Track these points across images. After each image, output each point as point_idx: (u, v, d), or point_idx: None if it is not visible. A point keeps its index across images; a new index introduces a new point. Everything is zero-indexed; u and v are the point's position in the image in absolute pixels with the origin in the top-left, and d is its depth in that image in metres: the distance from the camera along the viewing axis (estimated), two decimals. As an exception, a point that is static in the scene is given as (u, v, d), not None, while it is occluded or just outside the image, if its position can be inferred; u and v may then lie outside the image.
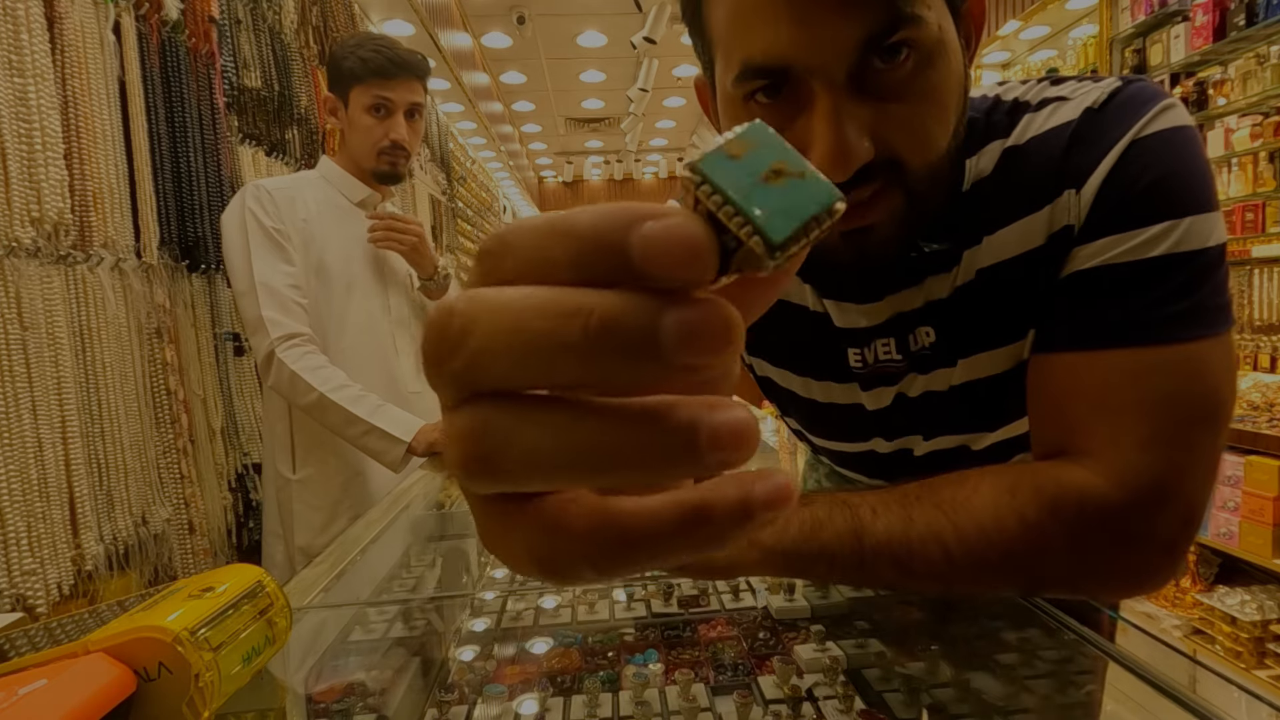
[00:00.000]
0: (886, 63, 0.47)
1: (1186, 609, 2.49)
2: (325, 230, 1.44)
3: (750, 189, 0.15)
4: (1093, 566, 0.51)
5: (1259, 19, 2.55)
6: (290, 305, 1.35)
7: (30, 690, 0.36)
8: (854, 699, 0.57)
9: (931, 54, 0.48)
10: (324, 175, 1.52)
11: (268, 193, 1.40)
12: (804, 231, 0.15)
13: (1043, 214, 0.55)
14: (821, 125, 0.47)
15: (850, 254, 0.53)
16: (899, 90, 0.48)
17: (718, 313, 0.15)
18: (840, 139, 0.47)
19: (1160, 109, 0.52)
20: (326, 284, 1.43)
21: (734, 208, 0.15)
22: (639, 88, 5.09)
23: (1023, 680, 0.61)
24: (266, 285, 1.34)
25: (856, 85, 0.48)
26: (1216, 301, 0.51)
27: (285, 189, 1.43)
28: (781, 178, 0.15)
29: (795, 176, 0.15)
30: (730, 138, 0.16)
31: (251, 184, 1.42)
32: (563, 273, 0.15)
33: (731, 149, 0.16)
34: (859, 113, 0.48)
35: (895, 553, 0.52)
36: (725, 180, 0.15)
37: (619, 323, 0.14)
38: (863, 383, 0.67)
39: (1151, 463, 0.49)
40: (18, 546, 1.22)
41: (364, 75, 1.42)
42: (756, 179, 0.15)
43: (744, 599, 0.75)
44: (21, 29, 1.26)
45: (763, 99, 0.50)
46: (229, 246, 1.40)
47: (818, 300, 0.66)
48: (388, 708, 0.61)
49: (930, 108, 0.49)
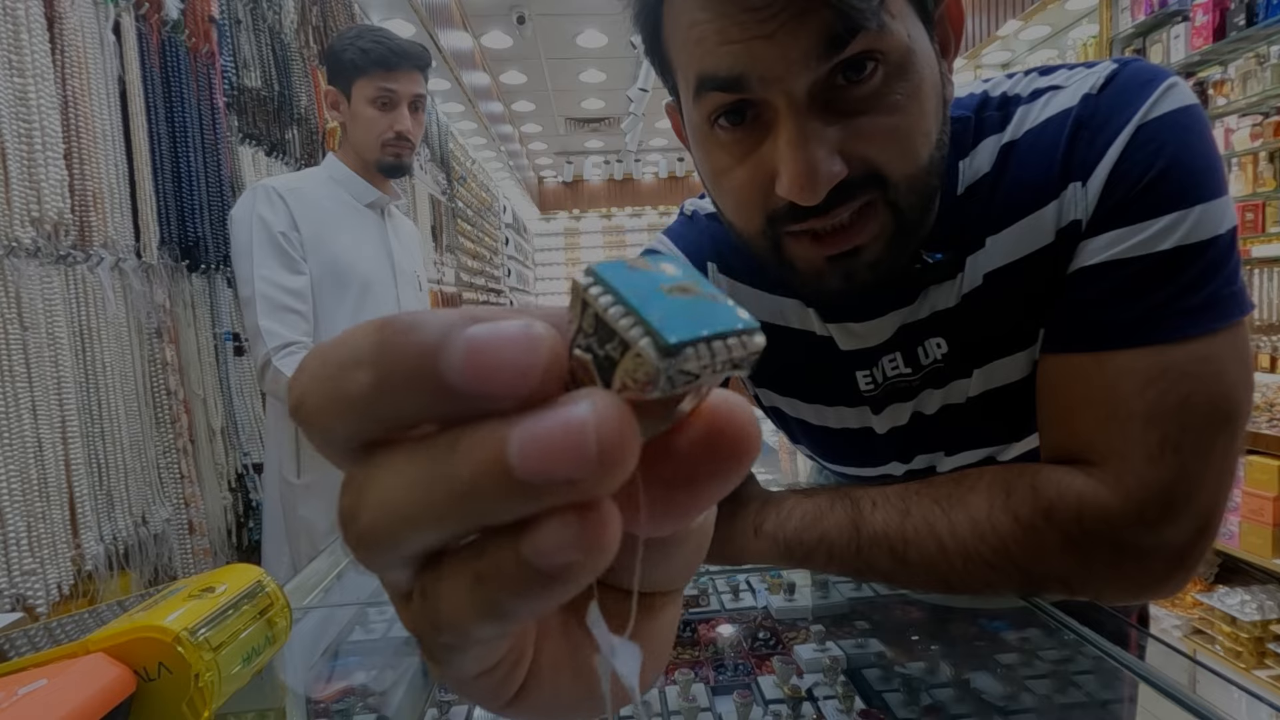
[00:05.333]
0: (853, 79, 0.45)
1: (1186, 609, 2.49)
2: (338, 231, 1.44)
3: (649, 294, 0.13)
4: (1092, 572, 0.50)
5: (1259, 19, 2.55)
6: (288, 314, 1.35)
7: (30, 690, 0.36)
8: (854, 699, 0.57)
9: (901, 65, 0.46)
10: (331, 175, 1.51)
11: (278, 195, 1.39)
12: (708, 347, 0.12)
13: (1049, 210, 0.52)
14: (786, 146, 0.45)
15: (837, 279, 0.51)
16: (869, 104, 0.46)
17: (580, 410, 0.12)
18: (807, 158, 0.45)
19: (1164, 89, 0.50)
20: (341, 286, 1.43)
21: (624, 307, 0.12)
22: (639, 88, 5.09)
23: (1023, 680, 0.61)
24: (265, 295, 1.34)
25: (823, 104, 0.46)
26: (1229, 290, 0.48)
27: (296, 189, 1.42)
28: (689, 294, 0.13)
29: (705, 298, 0.13)
30: (638, 258, 0.14)
31: (262, 185, 1.42)
32: (375, 412, 0.13)
33: (637, 264, 0.14)
34: (826, 133, 0.46)
35: (891, 543, 0.52)
36: (622, 283, 0.13)
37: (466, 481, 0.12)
38: (874, 405, 0.64)
39: (1161, 473, 0.47)
40: (18, 546, 1.22)
41: (366, 67, 1.41)
42: (658, 288, 0.13)
43: (744, 599, 0.75)
44: (21, 29, 1.26)
45: (726, 124, 0.49)
46: (235, 249, 1.40)
47: (823, 325, 0.63)
48: (388, 708, 0.61)
49: (905, 119, 0.47)
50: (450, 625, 0.14)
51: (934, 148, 0.50)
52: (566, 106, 7.32)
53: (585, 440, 0.12)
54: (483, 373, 0.12)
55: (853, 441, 0.68)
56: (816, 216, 0.48)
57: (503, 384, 0.12)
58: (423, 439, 0.13)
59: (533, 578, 0.12)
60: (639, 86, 5.07)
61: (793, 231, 0.50)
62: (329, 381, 0.13)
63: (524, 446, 0.11)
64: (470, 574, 0.13)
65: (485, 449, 0.12)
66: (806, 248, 0.50)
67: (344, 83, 1.45)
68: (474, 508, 0.12)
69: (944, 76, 0.51)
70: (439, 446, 0.12)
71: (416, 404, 0.12)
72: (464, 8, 4.70)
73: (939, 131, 0.50)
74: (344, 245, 1.44)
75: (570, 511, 0.12)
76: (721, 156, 0.51)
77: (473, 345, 0.12)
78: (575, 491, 0.12)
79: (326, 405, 0.13)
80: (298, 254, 1.38)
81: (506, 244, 7.73)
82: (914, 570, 0.52)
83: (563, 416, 0.12)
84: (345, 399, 0.13)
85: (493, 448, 0.12)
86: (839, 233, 0.49)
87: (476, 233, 6.05)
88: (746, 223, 0.52)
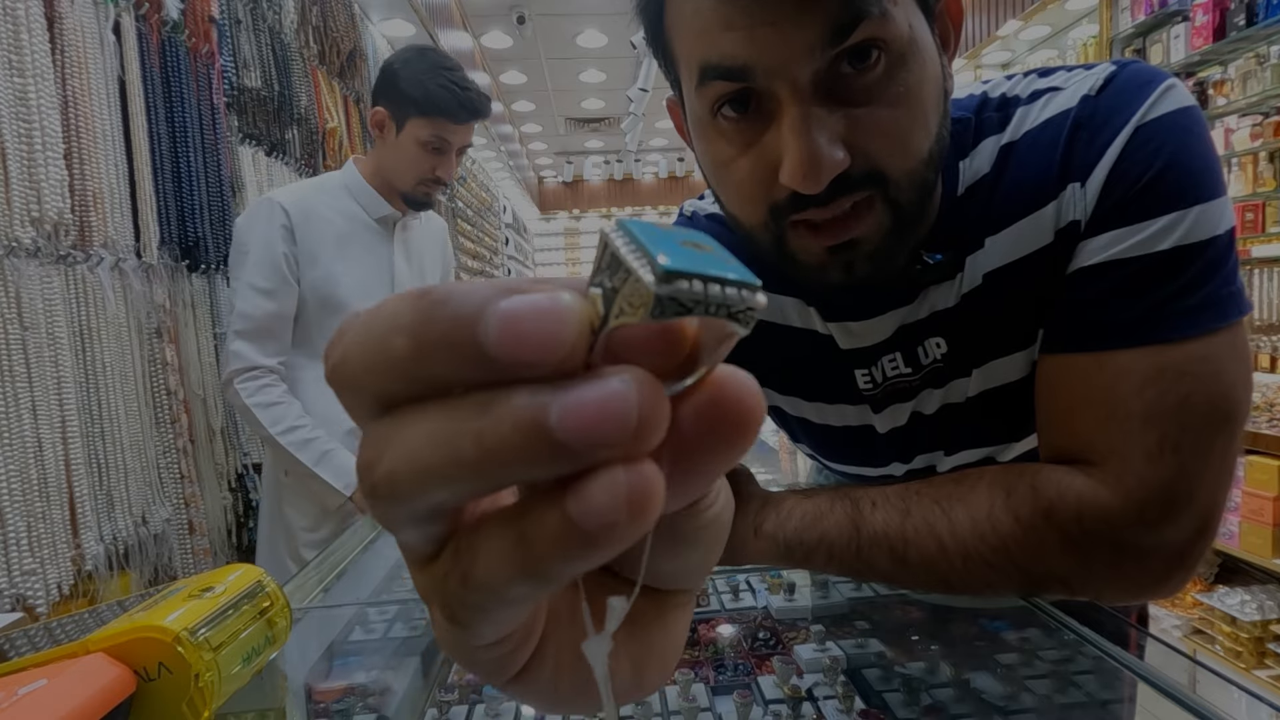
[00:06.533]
0: (856, 67, 0.45)
1: (1186, 609, 2.49)
2: (338, 252, 1.39)
3: (664, 239, 0.13)
4: (1092, 572, 0.50)
5: (1259, 19, 2.56)
6: (264, 336, 1.32)
7: (30, 690, 0.36)
8: (854, 699, 0.57)
9: (904, 55, 0.46)
10: (347, 185, 1.44)
11: (284, 211, 1.34)
12: (703, 284, 0.13)
13: (1047, 210, 0.53)
14: (790, 134, 0.45)
15: (838, 270, 0.51)
16: (872, 94, 0.46)
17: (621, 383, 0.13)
18: (811, 146, 0.45)
19: (1162, 90, 0.50)
20: (329, 309, 1.38)
21: (636, 245, 0.13)
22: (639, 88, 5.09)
23: (1023, 680, 0.61)
24: (246, 314, 1.31)
25: (826, 92, 0.46)
26: (1227, 290, 0.49)
27: (303, 204, 1.37)
28: (703, 250, 0.14)
29: (718, 256, 0.14)
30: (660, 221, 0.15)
31: (269, 199, 1.36)
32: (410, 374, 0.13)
33: (662, 223, 0.15)
34: (830, 121, 0.46)
35: (891, 544, 0.52)
36: (641, 231, 0.14)
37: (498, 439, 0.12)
38: (874, 404, 0.65)
39: (1161, 473, 0.48)
40: (18, 546, 1.22)
41: (430, 111, 1.34)
42: (674, 239, 0.14)
43: (744, 599, 0.75)
44: (21, 29, 1.26)
45: (729, 114, 0.49)
46: (233, 258, 1.37)
47: (824, 324, 0.64)
48: (388, 708, 0.61)
49: (906, 111, 0.47)
50: (484, 584, 0.14)
51: (934, 141, 0.50)
52: (566, 106, 7.33)
53: (626, 407, 0.12)
54: (518, 341, 0.12)
55: (854, 440, 0.68)
56: (817, 207, 0.48)
57: (536, 351, 0.12)
58: (451, 399, 0.13)
59: (577, 537, 0.13)
60: (639, 86, 5.07)
61: (794, 222, 0.50)
62: (370, 344, 0.14)
63: (564, 411, 0.12)
64: (514, 533, 0.14)
65: (524, 412, 0.12)
66: (807, 239, 0.51)
67: (399, 112, 1.36)
68: (504, 464, 0.13)
69: (945, 70, 0.51)
70: (468, 406, 0.13)
71: (452, 369, 0.13)
72: (464, 8, 4.70)
73: (939, 125, 0.50)
74: (342, 267, 1.40)
75: (617, 471, 0.13)
76: (724, 147, 0.51)
77: (507, 316, 0.12)
78: (612, 453, 0.13)
79: (366, 366, 0.14)
80: (292, 274, 1.35)
81: (506, 244, 7.73)
82: (914, 570, 0.52)
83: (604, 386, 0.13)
84: (384, 361, 0.13)
85: (531, 411, 0.12)
86: (838, 223, 0.49)
87: (476, 233, 6.06)
88: (749, 215, 0.52)
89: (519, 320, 0.12)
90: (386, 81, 1.38)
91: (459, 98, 1.35)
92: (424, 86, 1.33)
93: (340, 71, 2.83)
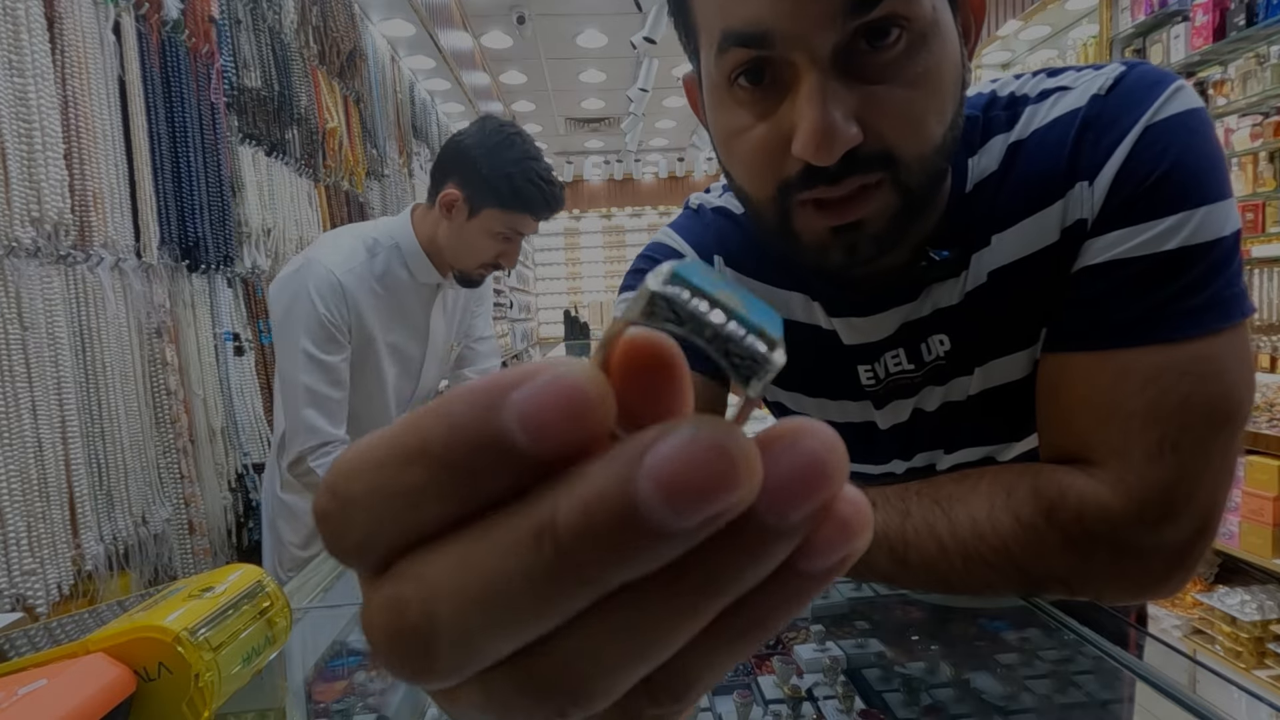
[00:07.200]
0: (876, 44, 0.45)
1: (1186, 609, 2.49)
2: (384, 319, 1.35)
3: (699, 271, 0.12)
4: (1093, 572, 0.50)
5: (1259, 19, 2.55)
6: (333, 407, 1.28)
7: (30, 690, 0.36)
8: (854, 699, 0.57)
9: (925, 35, 0.46)
10: (401, 246, 1.35)
11: (338, 279, 1.27)
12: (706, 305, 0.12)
13: (1055, 209, 0.53)
14: (806, 104, 0.45)
15: (840, 252, 0.51)
16: (890, 73, 0.46)
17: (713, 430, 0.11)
18: (825, 118, 0.44)
19: (1171, 92, 0.50)
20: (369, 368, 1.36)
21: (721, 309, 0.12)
22: (639, 88, 5.09)
23: (1023, 680, 0.61)
24: (310, 387, 1.25)
25: (843, 67, 0.46)
26: (1231, 291, 0.49)
27: (355, 273, 1.30)
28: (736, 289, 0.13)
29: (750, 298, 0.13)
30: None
31: (320, 266, 1.27)
32: (434, 504, 0.12)
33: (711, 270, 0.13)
34: (846, 96, 0.45)
35: (891, 544, 0.52)
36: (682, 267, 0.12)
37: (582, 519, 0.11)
38: (876, 401, 0.65)
39: (1161, 473, 0.48)
40: (18, 546, 1.22)
41: (513, 206, 1.26)
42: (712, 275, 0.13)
43: (744, 599, 0.75)
44: (21, 29, 1.26)
45: (745, 84, 0.48)
46: (279, 324, 1.29)
47: (828, 319, 0.63)
48: (388, 708, 0.61)
49: (923, 93, 0.47)
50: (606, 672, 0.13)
51: (948, 128, 0.49)
52: (566, 106, 7.32)
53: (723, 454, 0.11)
54: (543, 424, 0.11)
55: (856, 437, 0.68)
56: (826, 184, 0.48)
57: (567, 427, 0.11)
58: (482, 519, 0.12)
59: (811, 586, 0.13)
60: (639, 86, 5.07)
61: (802, 200, 0.50)
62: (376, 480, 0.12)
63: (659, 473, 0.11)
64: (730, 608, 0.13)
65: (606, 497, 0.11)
66: (813, 217, 0.50)
67: (475, 198, 1.26)
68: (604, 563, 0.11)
69: (964, 61, 0.51)
70: (519, 515, 0.12)
71: (478, 482, 0.12)
72: (464, 8, 4.70)
73: (954, 113, 0.50)
74: (378, 325, 1.35)
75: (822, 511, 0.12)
76: (739, 115, 0.51)
77: (525, 403, 0.11)
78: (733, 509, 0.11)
79: (376, 506, 0.12)
80: (345, 340, 1.30)
81: (506, 244, 7.71)
82: (914, 571, 0.52)
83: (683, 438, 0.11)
84: (397, 496, 0.12)
85: (614, 492, 0.11)
86: (845, 203, 0.49)
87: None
88: (758, 189, 0.52)
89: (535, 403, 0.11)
90: (463, 163, 1.26)
91: (545, 195, 1.26)
92: (511, 182, 1.23)
93: (340, 71, 2.83)
